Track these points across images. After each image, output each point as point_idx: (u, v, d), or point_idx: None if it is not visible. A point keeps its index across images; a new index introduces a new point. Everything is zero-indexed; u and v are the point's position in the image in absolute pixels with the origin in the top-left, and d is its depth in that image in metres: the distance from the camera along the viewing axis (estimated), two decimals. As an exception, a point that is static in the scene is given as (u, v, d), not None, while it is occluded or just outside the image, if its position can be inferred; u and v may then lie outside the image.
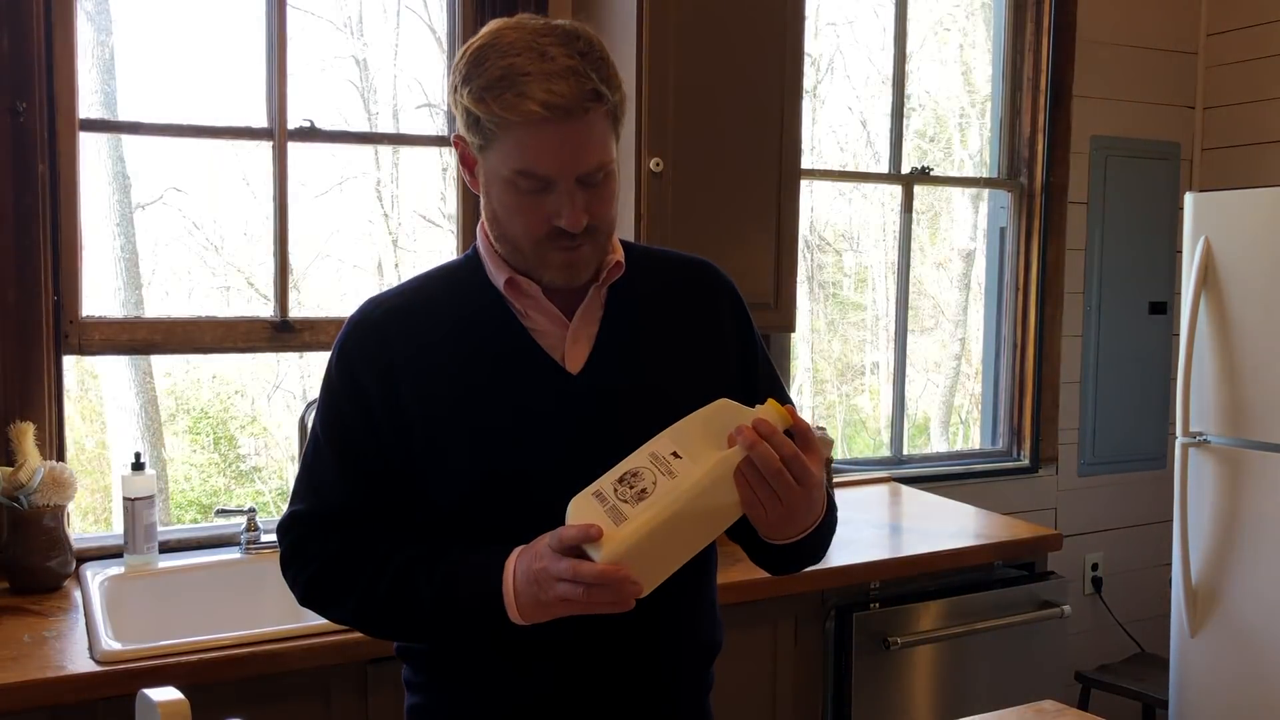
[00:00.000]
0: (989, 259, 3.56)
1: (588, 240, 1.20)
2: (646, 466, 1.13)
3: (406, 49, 2.66)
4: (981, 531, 2.63)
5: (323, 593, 1.27)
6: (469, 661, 1.28)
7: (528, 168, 1.15)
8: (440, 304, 1.28)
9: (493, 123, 1.15)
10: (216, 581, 2.22)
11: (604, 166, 1.18)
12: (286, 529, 1.29)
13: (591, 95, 1.14)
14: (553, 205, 1.17)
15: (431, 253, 2.76)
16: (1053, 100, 3.37)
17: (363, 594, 1.23)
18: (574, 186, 1.16)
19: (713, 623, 1.38)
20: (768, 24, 2.43)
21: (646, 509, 1.11)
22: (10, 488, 2.04)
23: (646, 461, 1.13)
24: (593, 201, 1.18)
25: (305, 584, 1.28)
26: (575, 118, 1.13)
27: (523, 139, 1.14)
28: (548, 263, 1.21)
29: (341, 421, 1.26)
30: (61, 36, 2.18)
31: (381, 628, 1.27)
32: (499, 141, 1.16)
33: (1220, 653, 2.97)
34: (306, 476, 1.29)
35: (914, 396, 3.40)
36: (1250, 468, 2.89)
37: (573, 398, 1.23)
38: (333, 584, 1.26)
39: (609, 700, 1.27)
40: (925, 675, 2.41)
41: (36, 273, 2.15)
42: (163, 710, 1.05)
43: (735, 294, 1.38)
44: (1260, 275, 2.86)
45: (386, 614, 1.23)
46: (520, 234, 1.20)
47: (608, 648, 1.25)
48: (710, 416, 1.15)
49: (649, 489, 1.12)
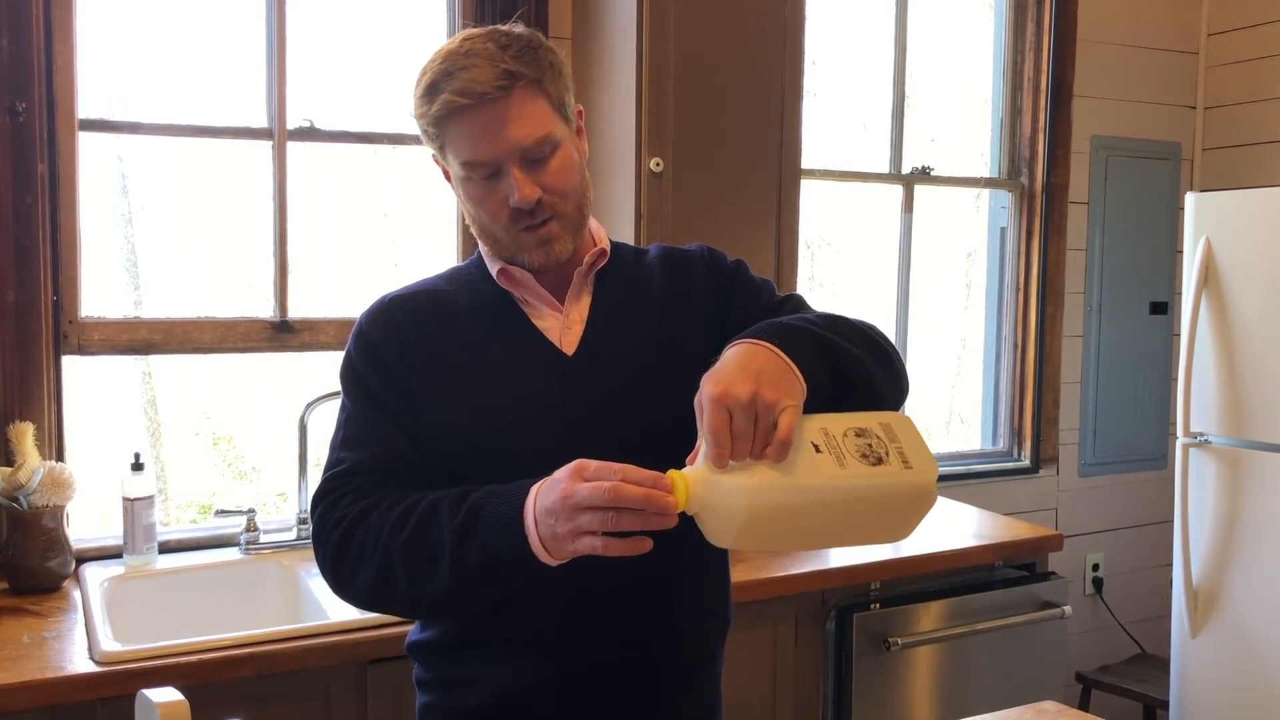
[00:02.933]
0: (989, 259, 3.56)
1: (554, 216, 1.25)
2: (878, 435, 1.09)
3: (407, 49, 2.66)
4: (982, 532, 2.62)
5: (348, 554, 1.19)
6: (481, 648, 1.28)
7: (469, 157, 1.22)
8: (447, 296, 1.33)
9: (434, 127, 1.24)
10: (216, 582, 2.22)
11: (546, 141, 1.23)
12: (319, 496, 1.24)
13: (504, 75, 1.20)
14: (506, 188, 1.23)
15: (431, 253, 2.75)
16: (1053, 100, 3.37)
17: (389, 537, 1.16)
18: (520, 165, 1.22)
19: (724, 600, 1.39)
20: (768, 24, 2.43)
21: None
22: (10, 488, 2.04)
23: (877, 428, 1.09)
24: (544, 176, 1.23)
25: (333, 552, 1.20)
26: (494, 100, 1.20)
27: (457, 133, 1.22)
28: (522, 245, 1.26)
29: (368, 388, 1.28)
30: (61, 36, 2.18)
31: (406, 580, 1.16)
32: (445, 143, 1.24)
33: (1221, 653, 2.96)
34: (338, 446, 1.28)
35: (914, 396, 3.39)
36: (1251, 468, 2.89)
37: (568, 377, 1.27)
38: (359, 539, 1.18)
39: (619, 684, 1.28)
40: (926, 676, 2.41)
41: (36, 273, 2.15)
42: (162, 711, 1.05)
43: (709, 256, 1.40)
44: (1261, 275, 2.86)
45: (410, 558, 1.15)
46: (489, 223, 1.26)
47: (616, 634, 1.26)
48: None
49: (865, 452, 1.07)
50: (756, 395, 1.02)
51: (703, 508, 1.03)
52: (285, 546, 2.30)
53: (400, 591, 1.16)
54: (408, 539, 1.15)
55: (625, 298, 1.34)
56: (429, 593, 1.15)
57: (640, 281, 1.36)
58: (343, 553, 1.19)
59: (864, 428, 1.09)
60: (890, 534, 1.15)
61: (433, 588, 1.14)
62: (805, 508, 1.04)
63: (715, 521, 1.04)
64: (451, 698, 1.32)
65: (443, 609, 1.23)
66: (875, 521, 1.11)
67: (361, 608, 1.24)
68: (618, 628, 1.27)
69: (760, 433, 1.02)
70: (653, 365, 1.29)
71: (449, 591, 1.14)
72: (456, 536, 1.12)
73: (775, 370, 1.05)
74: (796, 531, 1.09)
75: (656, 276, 1.37)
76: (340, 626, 1.85)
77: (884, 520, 1.12)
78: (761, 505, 1.02)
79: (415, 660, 1.37)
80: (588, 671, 1.27)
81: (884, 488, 1.07)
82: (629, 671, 1.28)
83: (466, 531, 1.12)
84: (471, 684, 1.29)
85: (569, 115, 1.29)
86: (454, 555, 1.12)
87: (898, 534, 1.14)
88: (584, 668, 1.27)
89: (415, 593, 1.16)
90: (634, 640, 1.28)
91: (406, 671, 1.82)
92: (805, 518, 1.05)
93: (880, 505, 1.09)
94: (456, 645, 1.31)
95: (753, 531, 1.03)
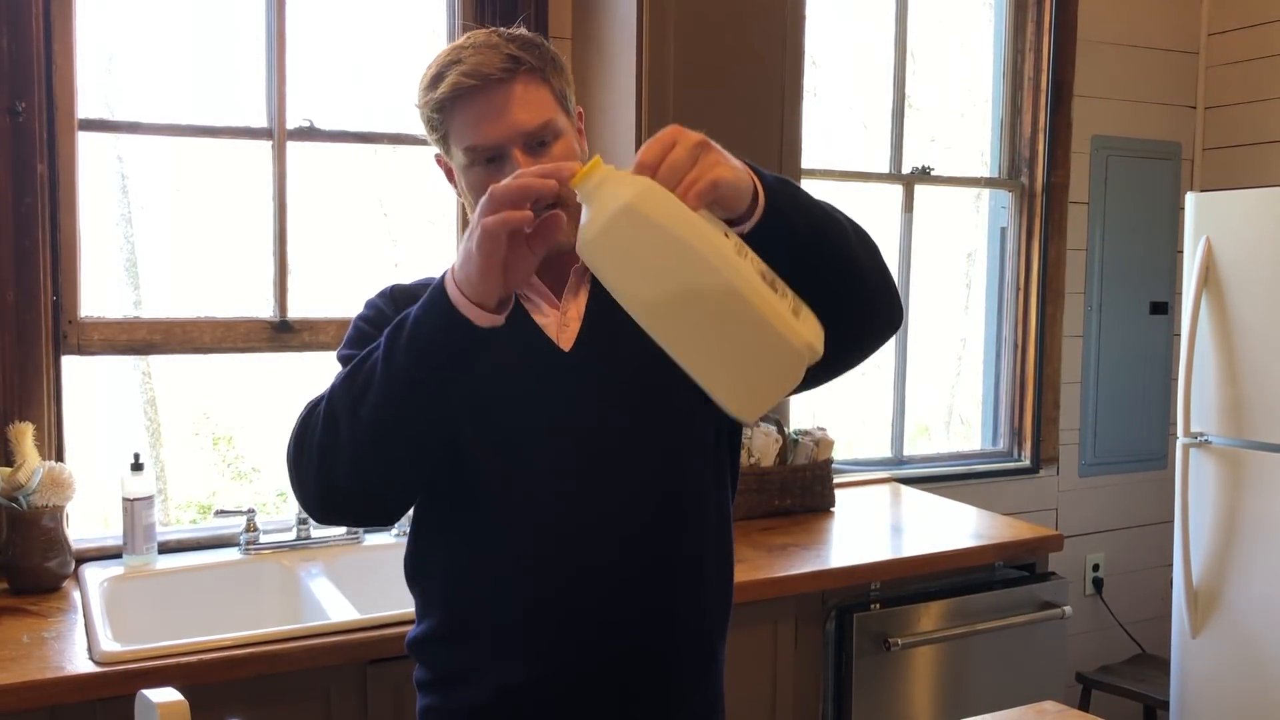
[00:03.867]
0: (989, 259, 3.56)
1: (557, 204, 1.21)
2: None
3: (407, 49, 2.66)
4: (982, 532, 2.62)
5: (306, 436, 1.15)
6: (477, 640, 1.28)
7: (472, 141, 1.23)
8: None
9: (438, 114, 1.25)
10: (216, 582, 2.22)
11: (549, 127, 1.25)
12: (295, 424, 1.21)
13: (508, 60, 1.22)
14: (509, 173, 1.20)
15: (431, 253, 2.75)
16: (1053, 100, 3.37)
17: (333, 385, 1.15)
18: (523, 150, 1.23)
19: (726, 594, 1.38)
20: (768, 24, 2.43)
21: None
22: (9, 488, 2.04)
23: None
24: (547, 162, 1.22)
25: (294, 444, 1.16)
26: (499, 83, 1.22)
27: (461, 119, 1.23)
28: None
29: (362, 346, 1.22)
30: (61, 36, 2.18)
31: (345, 410, 1.12)
32: (449, 132, 1.25)
33: (1221, 653, 2.96)
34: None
35: (914, 397, 3.39)
36: (1251, 468, 2.89)
37: (565, 372, 1.27)
38: (317, 413, 1.15)
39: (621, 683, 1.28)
40: (926, 676, 2.41)
41: (35, 273, 2.15)
42: (162, 711, 1.05)
43: None
44: (1261, 275, 2.86)
45: (349, 386, 1.12)
46: None
47: (615, 630, 1.27)
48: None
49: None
50: (706, 144, 1.01)
51: (593, 191, 0.99)
52: (285, 547, 2.30)
53: (342, 428, 1.11)
54: (348, 372, 1.13)
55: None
56: (367, 410, 1.09)
57: None
58: (300, 441, 1.16)
59: (779, 278, 1.00)
60: (734, 387, 1.01)
61: (371, 400, 1.09)
62: (678, 251, 0.96)
63: (595, 211, 0.98)
64: (451, 698, 1.32)
65: (387, 430, 1.11)
66: (727, 348, 0.99)
67: (320, 490, 1.16)
68: (617, 624, 1.27)
69: (691, 175, 0.98)
70: (649, 362, 1.29)
71: (387, 398, 1.09)
72: (389, 337, 1.10)
73: (734, 166, 1.03)
74: (654, 278, 0.97)
75: None
76: (340, 626, 1.85)
77: (738, 355, 0.99)
78: (644, 208, 0.96)
79: (415, 659, 1.37)
80: (588, 669, 1.27)
81: (758, 310, 0.96)
82: (629, 668, 1.28)
83: (397, 327, 1.11)
84: (470, 682, 1.29)
85: (570, 111, 1.30)
86: (386, 353, 1.09)
87: (746, 396, 1.01)
88: (584, 665, 1.26)
89: (355, 419, 1.10)
90: (634, 637, 1.28)
91: (406, 671, 1.82)
92: (671, 265, 0.96)
93: (744, 328, 0.97)
94: (455, 638, 1.30)
95: (617, 237, 0.97)
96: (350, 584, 2.14)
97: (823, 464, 2.79)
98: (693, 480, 1.31)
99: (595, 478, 1.26)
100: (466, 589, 1.29)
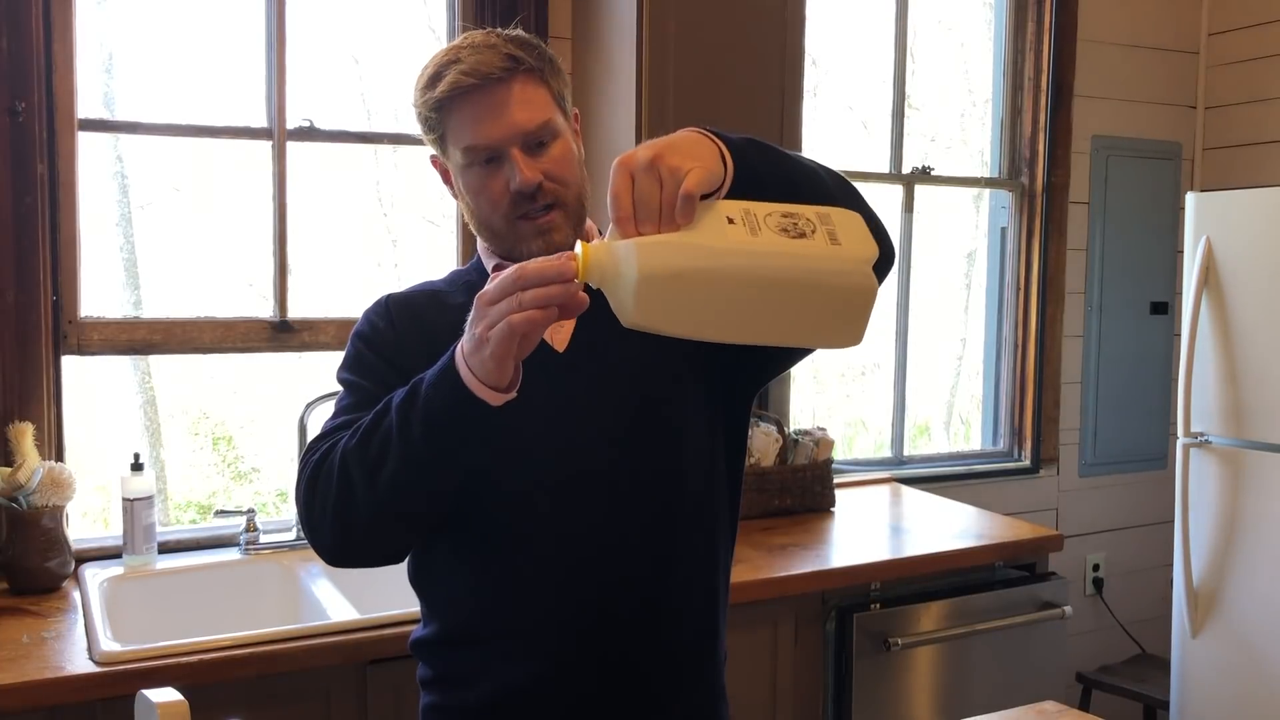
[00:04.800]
0: (989, 259, 3.56)
1: (556, 204, 1.25)
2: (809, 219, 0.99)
3: (406, 49, 2.66)
4: (982, 532, 2.62)
5: (318, 487, 1.17)
6: (480, 643, 1.28)
7: (471, 141, 1.23)
8: (444, 296, 1.35)
9: (435, 114, 1.24)
10: (216, 582, 2.22)
11: (548, 127, 1.25)
12: (303, 456, 1.23)
13: (507, 59, 1.22)
14: (508, 172, 1.23)
15: (431, 253, 2.75)
16: (1053, 100, 3.37)
17: (344, 446, 1.16)
18: (521, 149, 1.23)
19: (723, 592, 1.37)
20: (768, 24, 2.43)
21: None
22: (9, 488, 2.04)
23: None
24: (545, 162, 1.24)
25: (304, 494, 1.18)
26: (498, 82, 1.22)
27: (460, 118, 1.23)
28: (522, 235, 1.26)
29: (366, 369, 1.29)
30: (61, 36, 2.18)
31: (361, 475, 1.13)
32: (447, 132, 1.25)
33: (1222, 653, 2.96)
34: (331, 419, 1.27)
35: (914, 397, 3.39)
36: (1251, 468, 2.89)
37: (558, 373, 1.26)
38: (325, 469, 1.17)
39: (621, 681, 1.28)
40: (926, 676, 2.41)
41: (35, 273, 2.15)
42: (162, 711, 1.05)
43: None
44: (1261, 275, 2.86)
45: (363, 452, 1.13)
46: (489, 213, 1.26)
47: (616, 630, 1.27)
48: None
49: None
50: (659, 158, 0.96)
51: (604, 277, 0.96)
52: (285, 547, 2.30)
53: (359, 493, 1.13)
54: (361, 436, 1.14)
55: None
56: (385, 480, 1.11)
57: None
58: (312, 491, 1.17)
59: (794, 211, 0.99)
60: (829, 331, 1.02)
61: (388, 471, 1.11)
62: (710, 277, 0.95)
63: (620, 292, 0.96)
64: (453, 696, 1.32)
65: (404, 497, 1.14)
66: (805, 310, 0.99)
67: (335, 544, 1.19)
68: (619, 626, 1.27)
69: (667, 199, 0.95)
70: (645, 365, 1.29)
71: (404, 470, 1.11)
72: (401, 410, 1.11)
73: (690, 142, 1.00)
74: (706, 307, 0.97)
75: None
76: (340, 627, 1.84)
77: (815, 309, 0.99)
78: (657, 267, 0.94)
79: (418, 659, 1.37)
80: (589, 668, 1.27)
81: (805, 263, 0.96)
82: (630, 667, 1.28)
83: (409, 401, 1.11)
84: (473, 682, 1.29)
85: (568, 111, 1.31)
86: (400, 427, 1.10)
87: (839, 332, 1.01)
88: (585, 665, 1.26)
89: (372, 486, 1.12)
90: (636, 638, 1.28)
91: (406, 671, 1.82)
92: (712, 291, 0.96)
93: (805, 286, 0.97)
94: (458, 642, 1.31)
95: (653, 301, 0.95)
96: (350, 584, 2.14)
97: (823, 464, 2.79)
98: (692, 478, 1.31)
99: (593, 477, 1.26)
100: (467, 595, 1.29)
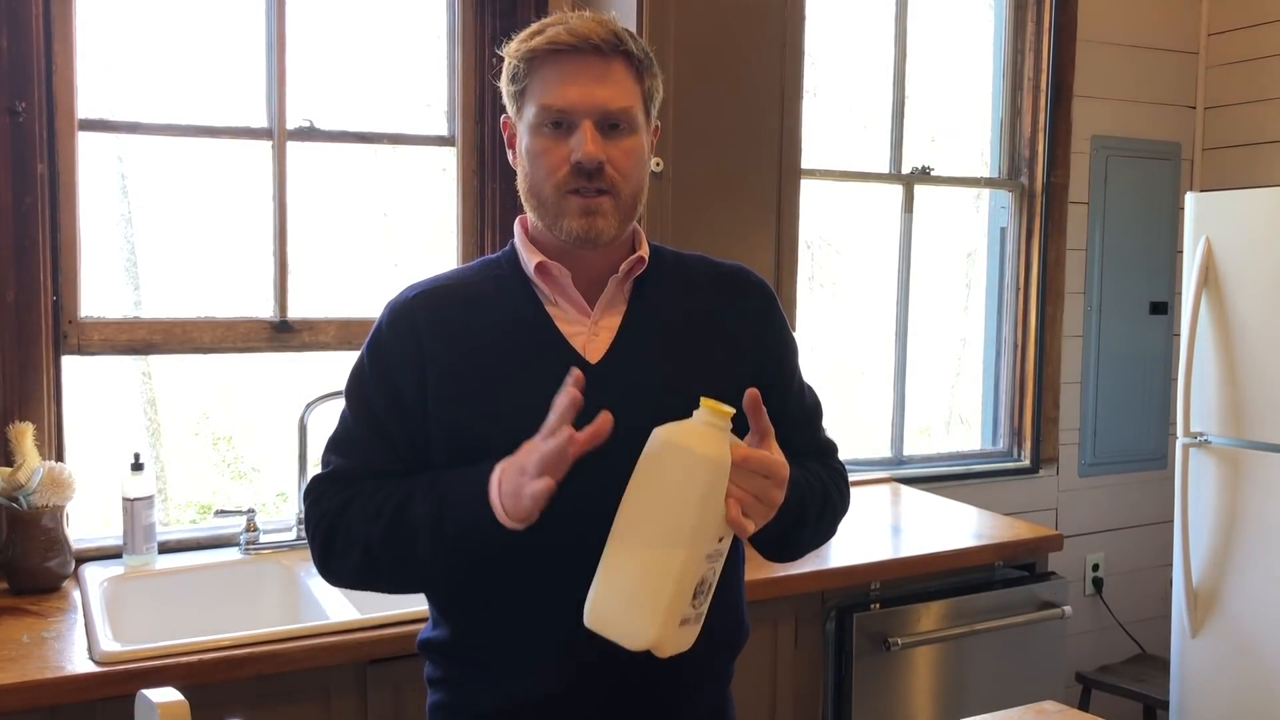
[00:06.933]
0: (989, 259, 3.56)
1: (609, 190, 1.24)
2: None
3: (407, 48, 2.66)
4: (982, 532, 2.62)
5: (335, 544, 1.26)
6: (490, 652, 1.28)
7: (551, 100, 1.22)
8: (473, 290, 1.32)
9: (525, 64, 1.24)
10: (216, 582, 2.22)
11: (627, 115, 1.24)
12: (308, 493, 1.31)
13: (613, 37, 1.22)
14: (574, 142, 1.22)
15: (432, 253, 2.75)
16: (1053, 100, 3.37)
17: (367, 528, 1.23)
18: (595, 124, 1.22)
19: (737, 618, 1.38)
20: (768, 24, 2.43)
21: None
22: (9, 488, 2.04)
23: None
24: (613, 148, 1.23)
25: (321, 544, 1.28)
26: (595, 52, 1.22)
27: (547, 74, 1.22)
28: (566, 209, 1.24)
29: (369, 405, 1.30)
30: (61, 36, 2.18)
31: (389, 562, 1.25)
32: (529, 86, 1.24)
33: (1221, 653, 2.96)
34: (333, 446, 1.32)
35: (914, 397, 3.39)
36: (1251, 468, 2.89)
37: (589, 387, 1.21)
38: (343, 531, 1.25)
39: (630, 691, 1.27)
40: (926, 676, 2.41)
41: (35, 273, 2.15)
42: (162, 711, 1.05)
43: (768, 298, 1.40)
44: (1261, 275, 2.86)
45: (390, 543, 1.23)
46: (543, 178, 1.25)
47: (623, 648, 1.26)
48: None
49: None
50: (773, 497, 1.15)
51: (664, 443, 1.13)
52: (285, 547, 2.30)
53: (384, 571, 1.26)
54: (386, 527, 1.22)
55: (661, 311, 1.32)
56: (414, 566, 1.23)
57: (681, 296, 1.34)
58: (329, 544, 1.26)
59: (709, 584, 1.16)
60: (607, 601, 1.15)
61: (415, 564, 1.23)
62: (679, 504, 1.12)
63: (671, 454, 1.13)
64: (462, 698, 1.31)
65: (431, 579, 1.30)
66: (632, 573, 1.13)
67: (349, 588, 1.33)
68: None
69: (751, 491, 1.13)
70: (675, 383, 1.26)
71: (432, 566, 1.23)
72: (431, 527, 1.20)
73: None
74: (668, 493, 1.13)
75: (705, 296, 1.35)
76: (340, 626, 1.84)
77: (629, 586, 1.13)
78: (663, 439, 1.13)
79: (425, 658, 1.37)
80: (600, 682, 1.26)
81: (670, 587, 1.11)
82: (636, 683, 1.27)
83: (437, 521, 1.20)
84: (484, 689, 1.29)
85: (651, 115, 1.30)
86: (431, 538, 1.20)
87: (606, 610, 1.15)
88: (597, 679, 1.26)
89: (399, 568, 1.24)
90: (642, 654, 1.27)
91: (406, 671, 1.83)
92: (680, 499, 1.12)
93: (654, 577, 1.11)
94: (467, 647, 1.30)
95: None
96: (350, 584, 2.14)
97: (823, 464, 2.79)
98: None
99: (613, 493, 1.19)
100: (481, 607, 1.29)
